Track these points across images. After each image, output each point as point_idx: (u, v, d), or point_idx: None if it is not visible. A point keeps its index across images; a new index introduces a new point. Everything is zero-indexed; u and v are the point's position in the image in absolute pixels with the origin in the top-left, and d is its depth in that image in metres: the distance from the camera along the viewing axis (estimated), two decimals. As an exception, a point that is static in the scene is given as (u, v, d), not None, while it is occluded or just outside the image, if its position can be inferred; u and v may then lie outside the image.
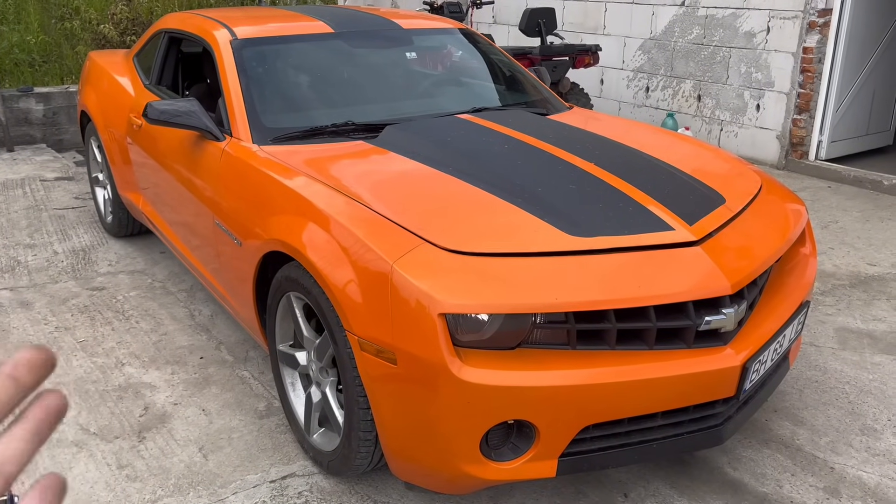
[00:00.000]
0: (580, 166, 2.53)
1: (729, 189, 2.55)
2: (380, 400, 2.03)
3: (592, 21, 7.91)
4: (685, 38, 6.99)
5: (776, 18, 6.22)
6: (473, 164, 2.51)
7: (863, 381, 3.04)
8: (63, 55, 8.04)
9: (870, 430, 2.72)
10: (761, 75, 6.41)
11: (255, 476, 2.46)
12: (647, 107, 7.51)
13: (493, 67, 3.73)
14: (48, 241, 4.55)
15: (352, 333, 2.04)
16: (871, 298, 3.82)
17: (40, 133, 6.97)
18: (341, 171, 2.51)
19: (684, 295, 2.00)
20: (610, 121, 3.33)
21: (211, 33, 3.32)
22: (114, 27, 8.05)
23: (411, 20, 3.69)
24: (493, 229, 2.11)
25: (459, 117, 3.04)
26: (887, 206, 5.38)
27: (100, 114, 4.26)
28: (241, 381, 3.04)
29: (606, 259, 2.04)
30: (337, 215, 2.20)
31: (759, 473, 2.48)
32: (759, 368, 2.17)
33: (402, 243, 2.03)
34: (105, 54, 4.80)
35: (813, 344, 3.34)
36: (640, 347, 2.01)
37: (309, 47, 3.29)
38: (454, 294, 1.87)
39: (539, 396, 1.88)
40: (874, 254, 4.43)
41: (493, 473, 1.98)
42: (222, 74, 3.10)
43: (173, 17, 3.97)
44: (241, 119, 2.93)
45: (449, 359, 1.86)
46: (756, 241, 2.30)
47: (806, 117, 6.21)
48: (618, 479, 2.45)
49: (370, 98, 3.21)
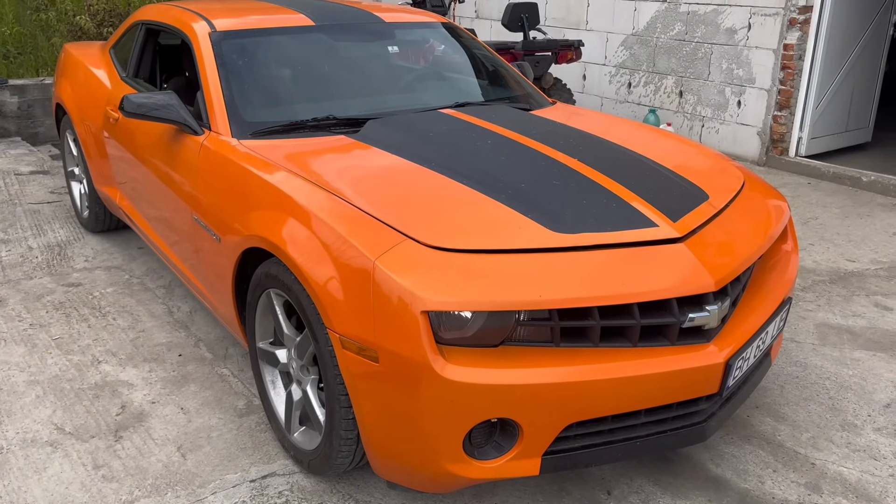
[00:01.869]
0: (563, 162, 2.52)
1: (712, 185, 2.55)
2: (361, 398, 2.00)
3: (575, 16, 7.91)
4: (667, 34, 7.01)
5: (757, 15, 6.24)
6: (456, 160, 2.49)
7: (843, 377, 3.06)
8: (38, 47, 7.91)
9: (850, 426, 2.73)
10: (742, 72, 6.44)
11: (235, 475, 2.43)
12: (630, 103, 7.53)
13: (475, 62, 3.71)
14: (23, 237, 4.46)
15: (333, 331, 2.01)
16: (850, 294, 3.84)
17: (15, 126, 6.85)
18: (322, 166, 2.48)
19: (668, 292, 1.99)
20: (592, 116, 3.31)
21: (189, 25, 3.27)
22: (90, 18, 7.92)
23: (393, 14, 3.66)
24: (476, 226, 2.09)
25: (442, 112, 3.02)
26: (866, 203, 5.42)
27: (75, 107, 4.19)
28: (221, 378, 3.00)
29: (590, 256, 2.03)
30: (318, 211, 2.17)
31: (742, 470, 2.49)
32: (742, 365, 2.17)
33: (384, 240, 2.00)
34: (81, 46, 4.71)
35: (794, 340, 3.36)
36: (623, 345, 2.00)
37: (289, 40, 3.24)
38: (437, 291, 1.85)
39: (522, 394, 1.87)
40: (853, 250, 4.47)
41: (477, 472, 1.96)
42: (201, 67, 3.05)
43: (151, 8, 3.91)
44: (220, 113, 2.88)
45: (432, 357, 1.84)
46: (739, 237, 2.30)
47: (786, 114, 6.25)
48: (601, 477, 2.44)
49: (352, 92, 3.17)
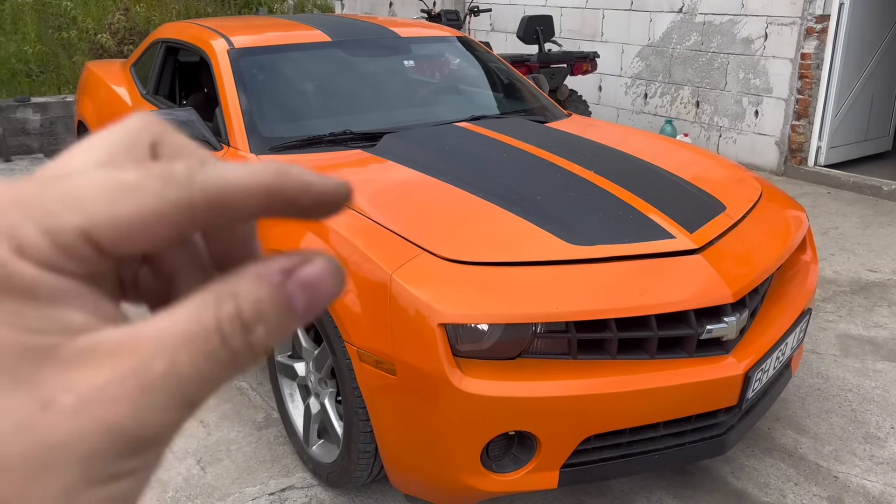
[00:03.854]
0: (579, 174, 2.52)
1: (729, 196, 2.54)
2: (379, 411, 2.00)
3: (590, 28, 7.92)
4: (683, 45, 7.00)
5: (774, 25, 6.22)
6: (472, 173, 2.50)
7: (865, 389, 3.02)
8: (60, 65, 8.04)
9: (873, 439, 2.70)
10: (759, 81, 6.41)
11: (254, 488, 2.44)
12: (646, 113, 7.51)
13: (491, 75, 3.73)
14: (45, 252, 4.52)
15: (350, 344, 2.02)
16: (872, 305, 3.80)
17: (37, 143, 6.96)
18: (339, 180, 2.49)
19: (685, 303, 1.98)
20: (608, 128, 3.31)
21: (208, 42, 3.31)
22: (111, 37, 8.05)
23: (409, 28, 3.68)
24: (492, 238, 2.09)
25: (458, 125, 3.03)
26: (887, 212, 5.37)
27: (97, 124, 4.25)
28: (240, 392, 3.02)
29: (607, 268, 2.03)
30: (335, 225, 2.18)
31: (763, 483, 2.46)
32: (761, 377, 2.15)
33: (401, 253, 2.01)
34: (102, 64, 4.79)
35: (815, 351, 3.32)
36: (641, 357, 1.99)
37: (306, 56, 3.28)
38: (454, 304, 1.85)
39: (540, 407, 1.86)
40: (875, 260, 4.42)
41: (494, 485, 1.96)
42: (219, 84, 3.09)
43: (170, 26, 3.97)
44: (238, 128, 2.92)
45: (449, 369, 1.84)
46: (757, 248, 2.29)
47: (805, 123, 6.21)
48: (620, 490, 2.42)
49: (368, 107, 3.20)
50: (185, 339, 0.24)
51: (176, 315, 0.24)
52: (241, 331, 0.24)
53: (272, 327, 0.25)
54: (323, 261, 0.26)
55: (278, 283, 0.25)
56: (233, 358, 0.24)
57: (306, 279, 0.26)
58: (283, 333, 0.26)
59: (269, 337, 0.25)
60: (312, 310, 0.26)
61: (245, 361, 0.25)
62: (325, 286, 0.26)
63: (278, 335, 0.25)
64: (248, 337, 0.25)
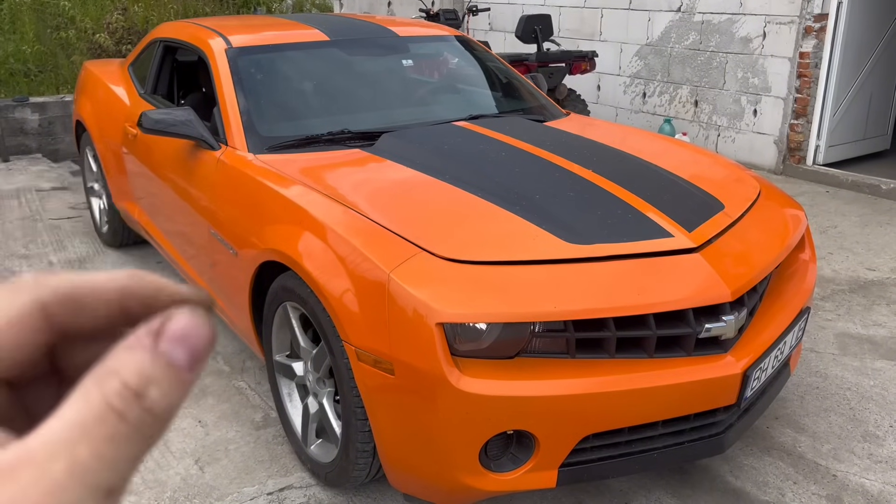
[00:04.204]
0: (578, 173, 2.52)
1: (727, 195, 2.54)
2: (377, 411, 2.00)
3: (588, 27, 7.92)
4: (681, 44, 7.00)
5: (772, 24, 6.22)
6: (470, 172, 2.50)
7: (864, 387, 3.02)
8: (58, 65, 8.03)
9: (872, 437, 2.70)
10: (758, 80, 6.41)
11: (253, 488, 2.43)
12: (644, 112, 7.51)
13: (489, 74, 3.72)
14: (43, 252, 4.52)
15: (349, 344, 2.02)
16: (870, 304, 3.80)
17: (35, 143, 6.95)
18: (337, 179, 2.49)
19: (684, 302, 1.98)
20: (607, 127, 3.31)
21: (206, 42, 3.31)
22: (109, 36, 8.04)
23: (407, 27, 3.68)
24: (490, 237, 2.09)
25: (456, 125, 3.03)
26: (886, 211, 5.37)
27: (95, 123, 4.24)
28: (238, 391, 3.01)
29: (605, 267, 2.03)
30: (333, 224, 2.18)
31: (762, 482, 2.46)
32: (759, 376, 2.15)
33: (399, 252, 2.01)
34: (100, 64, 4.78)
35: (813, 350, 3.32)
36: (639, 356, 1.99)
37: (304, 55, 3.27)
38: (452, 303, 1.85)
39: (538, 406, 1.86)
40: (873, 258, 4.42)
41: (493, 484, 1.95)
42: (217, 83, 3.09)
43: (168, 26, 3.96)
44: (236, 128, 2.91)
45: (447, 369, 1.84)
46: (755, 247, 2.29)
47: (803, 122, 6.21)
48: (619, 489, 2.42)
49: (366, 106, 3.19)
50: (80, 430, 0.23)
51: (62, 413, 0.24)
52: (134, 399, 0.24)
53: (164, 387, 0.25)
54: (186, 312, 0.27)
55: (150, 344, 0.25)
56: (136, 430, 0.24)
57: (175, 333, 0.26)
58: (179, 391, 0.25)
59: (166, 397, 0.25)
60: (197, 359, 0.26)
61: (151, 429, 0.25)
62: (197, 334, 0.26)
63: (175, 394, 0.25)
64: (143, 403, 0.24)
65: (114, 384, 0.24)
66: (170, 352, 0.26)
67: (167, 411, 0.25)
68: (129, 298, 0.28)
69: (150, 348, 0.25)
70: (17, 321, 0.25)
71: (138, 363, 0.25)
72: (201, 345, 0.26)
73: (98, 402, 0.24)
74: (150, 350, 0.25)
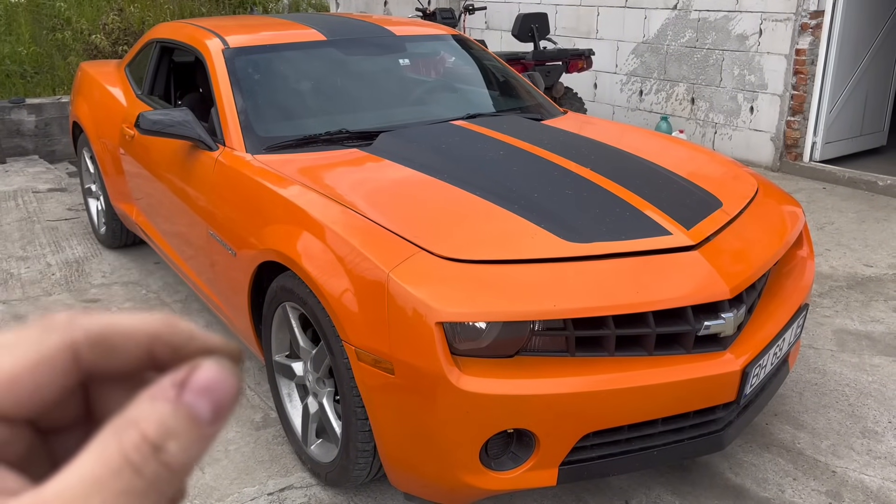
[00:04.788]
0: (576, 171, 2.52)
1: (725, 192, 2.54)
2: (378, 410, 2.00)
3: (585, 25, 7.92)
4: (678, 42, 7.00)
5: (768, 21, 6.23)
6: (469, 171, 2.50)
7: (862, 384, 3.02)
8: (55, 66, 8.01)
9: (871, 433, 2.70)
10: (754, 77, 6.42)
11: (253, 489, 2.43)
12: (641, 110, 7.52)
13: (486, 73, 3.72)
14: (41, 253, 4.51)
15: (348, 343, 2.02)
16: (868, 300, 3.81)
17: (32, 144, 6.94)
18: (336, 179, 2.49)
19: (683, 300, 1.98)
20: (604, 125, 3.32)
21: (203, 42, 3.31)
22: (105, 37, 8.03)
23: (404, 27, 3.68)
24: (489, 236, 2.09)
25: (454, 124, 3.03)
26: (882, 207, 5.38)
27: (92, 124, 4.24)
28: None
29: (604, 265, 2.03)
30: (332, 224, 2.18)
31: (761, 478, 2.46)
32: (759, 373, 2.15)
33: (398, 252, 2.01)
34: (97, 65, 4.77)
35: (812, 346, 3.33)
36: (639, 353, 1.99)
37: (301, 55, 3.27)
38: (451, 302, 1.85)
39: (538, 405, 1.86)
40: (870, 255, 4.43)
41: (493, 483, 1.96)
42: (214, 84, 3.09)
43: (165, 26, 3.96)
44: (234, 128, 2.91)
45: (447, 368, 1.84)
46: (754, 244, 2.29)
47: (800, 119, 6.22)
48: (619, 487, 2.43)
49: (364, 105, 3.19)
50: (94, 483, 0.23)
51: (79, 463, 0.23)
52: (152, 454, 0.24)
53: (184, 441, 0.24)
54: (212, 364, 0.26)
55: (174, 396, 0.25)
56: (152, 484, 0.23)
57: (200, 385, 0.25)
58: (199, 445, 0.25)
59: (185, 451, 0.24)
60: (220, 413, 0.25)
61: (167, 484, 0.24)
62: (222, 388, 0.26)
63: (195, 448, 0.25)
64: (161, 457, 0.24)
65: (132, 436, 0.24)
66: (193, 404, 0.25)
67: (186, 466, 0.24)
68: (159, 343, 0.27)
69: (173, 399, 0.25)
70: (46, 362, 0.25)
71: (160, 415, 0.24)
72: (226, 398, 0.26)
73: (115, 454, 0.23)
74: (172, 401, 0.25)
